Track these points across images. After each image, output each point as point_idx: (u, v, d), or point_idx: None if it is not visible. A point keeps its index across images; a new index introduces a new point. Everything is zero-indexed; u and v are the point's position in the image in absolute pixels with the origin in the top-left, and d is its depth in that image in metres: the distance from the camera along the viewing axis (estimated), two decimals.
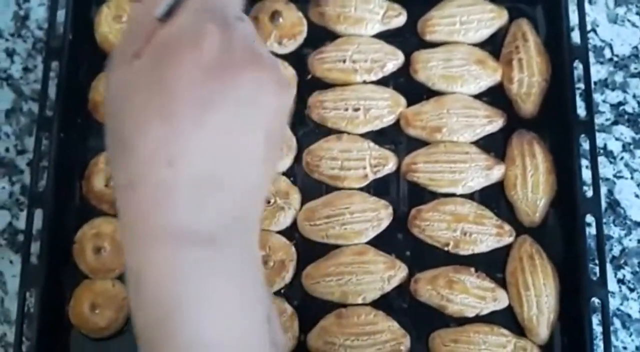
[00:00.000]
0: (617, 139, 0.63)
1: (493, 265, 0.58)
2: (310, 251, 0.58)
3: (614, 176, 0.63)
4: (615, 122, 0.64)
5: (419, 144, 0.61)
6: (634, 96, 0.65)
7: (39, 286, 0.54)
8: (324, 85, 0.61)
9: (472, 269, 0.57)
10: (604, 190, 0.61)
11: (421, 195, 0.60)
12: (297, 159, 0.60)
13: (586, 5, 0.62)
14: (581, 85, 0.60)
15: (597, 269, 0.55)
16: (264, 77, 0.33)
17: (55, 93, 0.59)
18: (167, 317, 0.32)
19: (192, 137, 0.32)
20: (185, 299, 0.32)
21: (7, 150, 0.64)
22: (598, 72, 0.65)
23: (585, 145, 0.58)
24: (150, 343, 0.33)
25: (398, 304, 0.57)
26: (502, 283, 0.57)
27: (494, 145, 0.61)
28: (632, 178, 0.62)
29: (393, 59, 0.62)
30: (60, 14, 0.61)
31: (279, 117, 0.36)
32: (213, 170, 0.32)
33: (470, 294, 0.56)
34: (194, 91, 0.32)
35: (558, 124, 0.60)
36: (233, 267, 0.34)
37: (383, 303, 0.56)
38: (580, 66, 0.60)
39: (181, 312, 0.32)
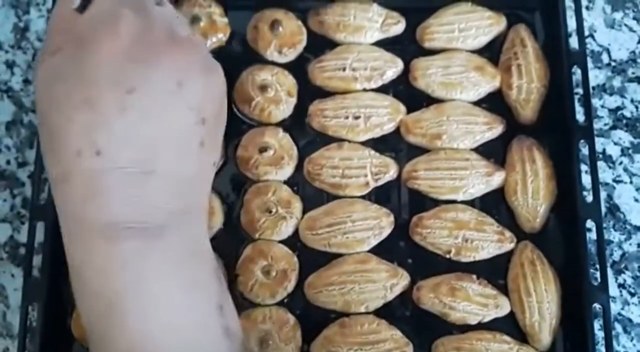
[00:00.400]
0: (615, 143, 0.64)
1: (494, 271, 0.58)
2: (313, 260, 0.58)
3: (613, 180, 0.63)
4: (614, 127, 0.64)
5: (420, 151, 0.61)
6: (632, 101, 0.65)
7: (41, 300, 0.54)
8: (324, 93, 0.61)
9: (474, 276, 0.57)
10: (603, 195, 0.61)
11: (422, 202, 0.60)
12: (299, 167, 0.60)
13: (583, 10, 0.62)
14: (579, 91, 0.60)
15: (597, 274, 0.55)
16: (185, 59, 0.33)
17: None
18: (109, 310, 0.32)
19: (116, 123, 0.31)
20: (124, 292, 0.32)
21: (7, 162, 0.64)
22: (596, 77, 0.65)
23: (585, 151, 0.59)
24: (96, 335, 0.33)
25: (401, 312, 0.57)
26: (504, 290, 0.57)
27: (494, 152, 0.61)
28: (631, 182, 0.63)
29: (392, 67, 0.62)
30: None
31: (210, 100, 0.34)
32: (143, 158, 0.32)
33: (473, 301, 0.56)
34: (113, 76, 0.31)
35: (557, 129, 0.60)
36: (173, 259, 0.33)
37: (386, 312, 0.56)
38: (579, 71, 0.60)
39: (122, 305, 0.31)
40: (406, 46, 0.63)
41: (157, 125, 0.32)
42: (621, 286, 0.60)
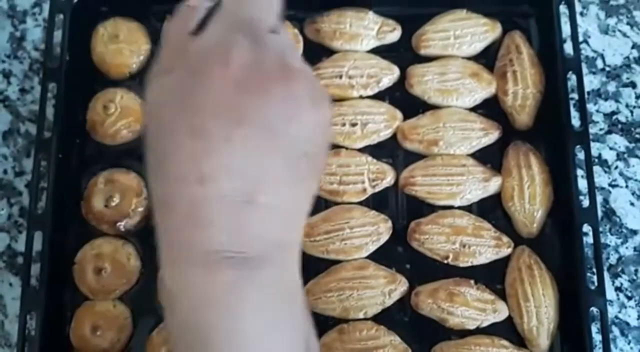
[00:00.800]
0: (611, 148, 0.64)
1: (492, 276, 0.58)
2: (311, 266, 0.58)
3: (609, 184, 0.63)
4: (609, 132, 0.65)
5: (416, 157, 0.61)
6: (627, 105, 0.65)
7: (39, 309, 0.54)
8: None
9: (472, 282, 0.57)
10: (599, 199, 0.62)
11: (420, 208, 0.60)
12: None
13: (578, 16, 0.63)
14: (575, 96, 0.61)
15: (594, 278, 0.56)
16: (295, 91, 0.32)
17: (53, 114, 0.60)
18: (202, 342, 0.31)
19: (222, 153, 0.31)
20: (217, 325, 0.31)
21: (5, 172, 0.64)
22: (591, 82, 0.66)
23: (580, 155, 0.59)
24: None
25: (399, 318, 0.57)
26: (502, 294, 0.57)
27: (491, 158, 0.61)
28: (627, 187, 0.63)
29: (389, 74, 0.62)
30: (57, 35, 0.61)
31: (316, 133, 0.33)
32: (246, 189, 0.31)
33: (471, 306, 0.56)
34: (223, 106, 0.31)
35: (553, 135, 0.61)
36: (269, 291, 0.32)
37: (384, 317, 0.56)
38: (574, 77, 0.60)
39: (213, 339, 0.31)
40: (402, 53, 0.64)
41: (262, 156, 0.31)
42: (618, 289, 0.60)
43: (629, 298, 0.60)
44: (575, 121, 0.60)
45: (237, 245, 0.31)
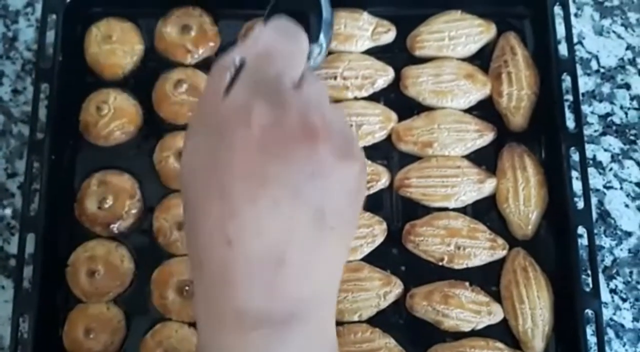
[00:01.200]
0: (605, 149, 0.64)
1: (487, 278, 0.58)
2: None
3: (604, 186, 0.63)
4: (604, 133, 0.65)
5: (411, 159, 0.61)
6: (621, 107, 0.65)
7: (32, 311, 0.54)
8: None
9: (467, 284, 0.57)
10: (594, 201, 0.62)
11: (414, 210, 0.60)
12: None
13: (572, 17, 0.63)
14: (569, 97, 0.61)
15: (589, 280, 0.56)
16: (318, 150, 0.32)
17: (46, 115, 0.59)
18: None
19: (247, 215, 0.31)
20: None
21: None
22: (585, 83, 0.66)
23: (575, 157, 0.59)
24: None
25: (394, 320, 0.57)
26: (497, 297, 0.57)
27: (485, 159, 0.61)
28: (621, 188, 0.63)
29: (383, 75, 0.62)
30: (50, 35, 0.60)
31: (343, 186, 0.33)
32: (274, 249, 0.31)
33: (466, 308, 0.56)
34: (246, 168, 0.31)
35: (548, 136, 0.61)
36: (301, 348, 0.33)
37: (379, 320, 0.56)
38: (569, 78, 0.60)
39: None
40: (397, 54, 0.64)
41: (288, 215, 0.31)
42: (613, 291, 0.60)
43: (624, 300, 0.60)
44: (570, 123, 0.60)
45: (266, 304, 0.32)
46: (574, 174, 0.58)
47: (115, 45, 0.63)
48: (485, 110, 0.62)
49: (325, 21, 0.52)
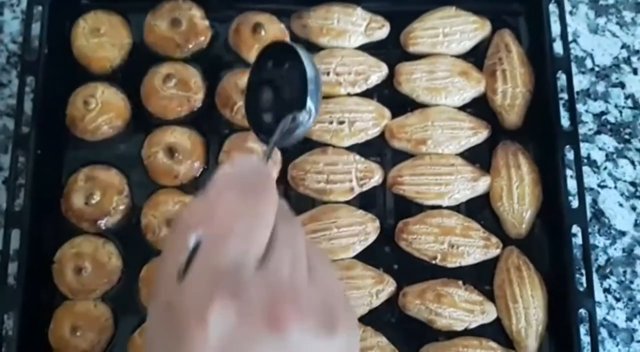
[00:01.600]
0: (600, 148, 0.64)
1: (481, 277, 0.57)
2: None
3: (598, 185, 0.63)
4: (598, 132, 0.64)
5: (404, 156, 0.60)
6: (616, 106, 0.65)
7: (17, 309, 0.53)
8: None
9: (460, 282, 0.56)
10: (588, 199, 0.61)
11: (408, 207, 0.59)
12: (283, 173, 0.59)
13: (567, 15, 0.62)
14: (564, 96, 0.60)
15: (583, 279, 0.55)
16: (290, 335, 0.30)
17: (32, 108, 0.58)
18: None
19: None
20: None
21: None
22: (580, 82, 0.65)
23: (570, 156, 0.58)
24: None
25: (387, 319, 0.56)
26: (490, 296, 0.57)
27: (479, 157, 0.60)
28: (615, 187, 0.63)
29: (377, 71, 0.61)
30: (35, 27, 0.59)
31: None
32: None
33: (459, 307, 0.55)
34: None
35: (542, 134, 0.60)
36: None
37: (371, 318, 0.56)
38: (563, 76, 0.60)
39: None
40: (390, 50, 0.63)
41: None
42: (606, 290, 0.60)
43: (618, 300, 0.60)
44: (565, 121, 0.59)
45: None
46: (569, 172, 0.58)
47: (104, 38, 0.61)
48: (480, 107, 0.62)
49: (311, 80, 0.48)
